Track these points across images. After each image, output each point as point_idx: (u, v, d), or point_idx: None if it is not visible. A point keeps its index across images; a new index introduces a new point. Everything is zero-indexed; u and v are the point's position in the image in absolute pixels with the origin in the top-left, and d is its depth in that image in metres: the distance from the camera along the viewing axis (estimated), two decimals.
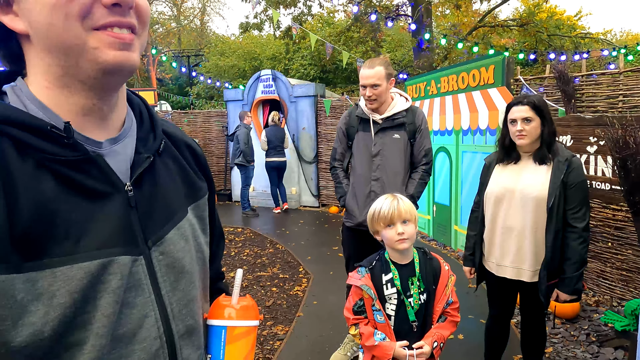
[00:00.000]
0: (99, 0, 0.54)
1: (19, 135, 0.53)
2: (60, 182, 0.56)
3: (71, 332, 0.54)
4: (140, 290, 0.61)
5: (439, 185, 5.38)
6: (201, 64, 19.87)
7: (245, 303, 0.77)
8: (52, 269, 0.52)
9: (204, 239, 0.77)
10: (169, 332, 0.65)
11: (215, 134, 9.10)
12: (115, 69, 0.57)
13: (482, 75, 4.48)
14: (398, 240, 1.65)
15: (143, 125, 0.70)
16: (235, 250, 5.31)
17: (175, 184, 0.72)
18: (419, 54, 9.50)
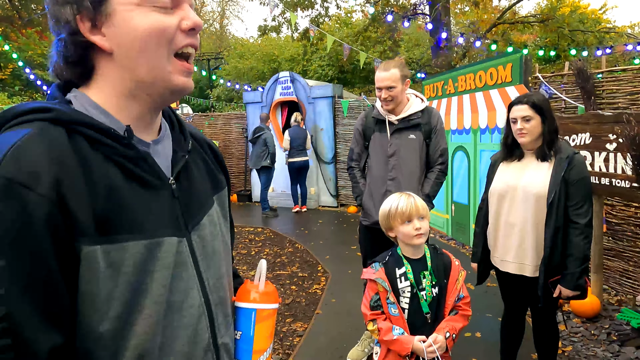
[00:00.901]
0: (179, 28, 0.68)
1: (90, 133, 0.64)
2: (124, 173, 0.67)
3: (135, 299, 0.64)
4: (185, 266, 0.73)
5: (458, 184, 5.37)
6: (221, 66, 20.18)
7: (270, 288, 0.90)
8: (122, 244, 0.63)
9: (225, 224, 0.89)
10: (207, 301, 0.77)
11: (235, 136, 9.27)
12: (180, 91, 0.71)
13: (500, 73, 4.46)
14: (416, 235, 1.72)
15: (174, 129, 0.83)
16: (255, 250, 5.42)
17: (203, 178, 0.84)
18: (437, 53, 9.46)
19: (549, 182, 2.02)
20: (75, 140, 0.63)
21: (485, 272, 2.40)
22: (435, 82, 5.92)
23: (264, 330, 0.86)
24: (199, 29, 0.70)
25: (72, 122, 0.63)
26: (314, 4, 11.88)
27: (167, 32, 0.66)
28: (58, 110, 0.63)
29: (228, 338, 0.83)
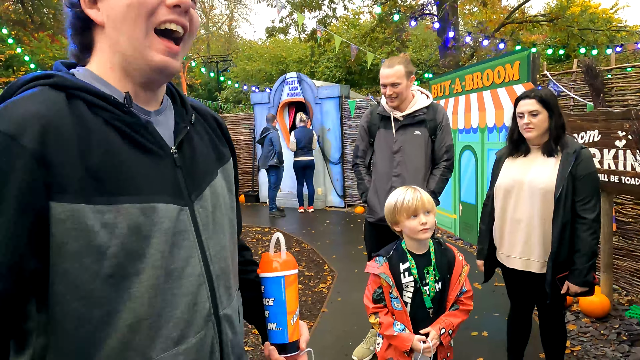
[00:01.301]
0: (164, 2, 0.68)
1: (90, 99, 0.66)
2: (124, 138, 0.68)
3: (131, 262, 0.65)
4: (186, 234, 0.73)
5: (465, 183, 5.33)
6: (229, 69, 20.30)
7: (290, 257, 0.97)
8: (117, 205, 0.64)
9: (230, 197, 0.88)
10: (208, 271, 0.77)
11: (243, 137, 9.31)
12: (159, 69, 0.71)
13: (508, 71, 4.43)
14: (422, 230, 1.71)
15: (176, 102, 0.84)
16: (262, 249, 5.43)
17: (207, 149, 0.85)
18: (444, 53, 9.42)
19: (555, 177, 2.00)
20: (75, 104, 0.65)
21: (491, 270, 2.38)
22: (442, 81, 5.89)
23: (292, 294, 0.95)
24: (184, 7, 0.69)
25: (72, 87, 0.66)
26: (322, 5, 11.90)
27: (146, 3, 0.66)
28: (59, 76, 0.66)
29: (230, 310, 0.83)
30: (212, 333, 0.77)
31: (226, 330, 0.80)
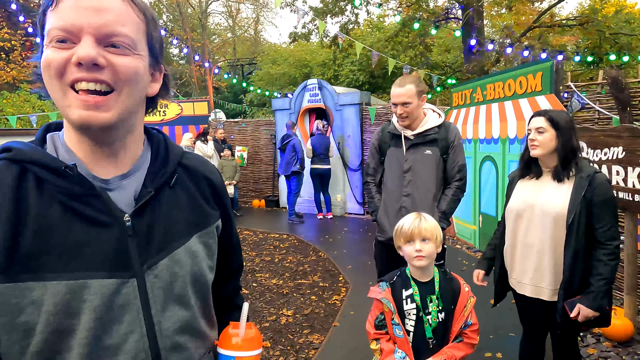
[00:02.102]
0: (69, 61, 0.66)
1: (39, 173, 0.69)
2: (66, 211, 0.68)
3: (60, 339, 0.66)
4: (129, 308, 0.70)
5: (485, 195, 5.22)
6: (254, 72, 20.54)
7: (251, 334, 0.86)
8: (44, 282, 0.65)
9: (207, 263, 0.83)
10: (155, 347, 0.73)
11: (264, 142, 9.40)
12: (82, 126, 0.69)
13: (530, 82, 4.32)
14: (416, 257, 1.71)
15: (157, 161, 0.80)
16: (279, 257, 5.47)
17: (181, 214, 0.80)
18: (469, 58, 9.24)
19: (568, 202, 1.94)
20: (26, 178, 0.68)
21: (502, 293, 2.33)
22: (463, 89, 5.79)
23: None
24: (86, 63, 0.65)
25: (26, 161, 0.69)
26: (344, 11, 11.89)
27: (52, 65, 0.66)
28: (17, 150, 0.70)
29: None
30: None
31: None
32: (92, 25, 0.65)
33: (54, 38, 0.65)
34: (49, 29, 0.66)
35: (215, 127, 9.14)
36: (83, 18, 0.65)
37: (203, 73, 22.13)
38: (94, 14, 0.66)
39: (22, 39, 14.84)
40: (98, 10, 0.66)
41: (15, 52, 14.59)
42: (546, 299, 2.05)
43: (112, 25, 0.67)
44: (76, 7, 0.65)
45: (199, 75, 22.78)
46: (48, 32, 0.66)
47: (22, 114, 9.57)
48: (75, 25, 0.65)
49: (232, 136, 9.55)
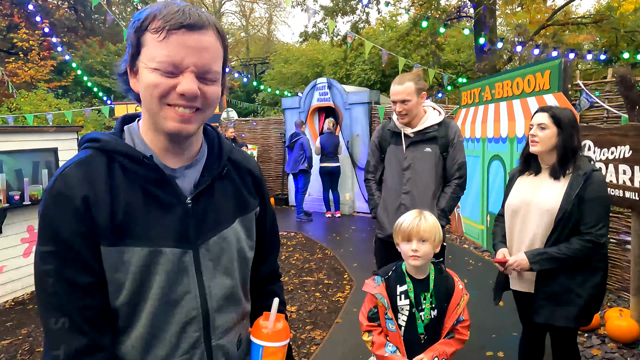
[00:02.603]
0: (173, 88, 0.80)
1: (123, 161, 0.85)
2: (145, 193, 0.85)
3: (140, 292, 0.84)
4: (186, 273, 0.88)
5: (493, 194, 5.18)
6: (266, 71, 20.63)
7: (279, 326, 0.96)
8: (132, 247, 0.82)
9: (247, 243, 1.00)
10: (205, 306, 0.90)
11: (274, 141, 9.46)
12: (173, 134, 0.85)
13: (538, 80, 4.27)
14: (411, 256, 1.72)
15: (212, 155, 0.96)
16: (285, 255, 5.51)
17: (228, 201, 0.96)
18: (480, 57, 9.15)
19: (561, 199, 1.93)
20: (114, 166, 0.85)
21: (503, 290, 2.31)
22: (472, 88, 5.75)
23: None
24: (189, 95, 0.80)
25: (111, 151, 0.85)
26: (355, 10, 11.87)
27: (158, 88, 0.80)
28: (104, 141, 0.86)
29: (227, 341, 0.95)
30: (198, 358, 0.90)
31: (218, 357, 0.93)
32: (195, 64, 0.80)
33: (162, 68, 0.79)
34: (156, 57, 0.79)
35: (226, 126, 9.23)
36: (189, 58, 0.79)
37: None
38: (197, 54, 0.80)
39: (39, 39, 15.18)
40: (200, 50, 0.80)
41: (33, 52, 14.92)
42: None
43: (209, 64, 0.82)
44: (183, 45, 0.79)
45: None
46: (154, 58, 0.79)
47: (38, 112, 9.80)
48: (184, 63, 0.79)
49: (242, 135, 9.63)
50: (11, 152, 4.29)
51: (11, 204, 4.16)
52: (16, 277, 4.37)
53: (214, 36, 0.82)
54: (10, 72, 13.85)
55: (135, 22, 0.82)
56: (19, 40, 14.90)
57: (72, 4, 18.69)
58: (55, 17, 17.08)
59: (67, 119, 9.03)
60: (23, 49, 14.95)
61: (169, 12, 0.78)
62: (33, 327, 3.63)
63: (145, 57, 0.80)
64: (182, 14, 0.78)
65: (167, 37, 0.78)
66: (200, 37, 0.80)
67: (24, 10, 15.00)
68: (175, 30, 0.78)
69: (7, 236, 4.26)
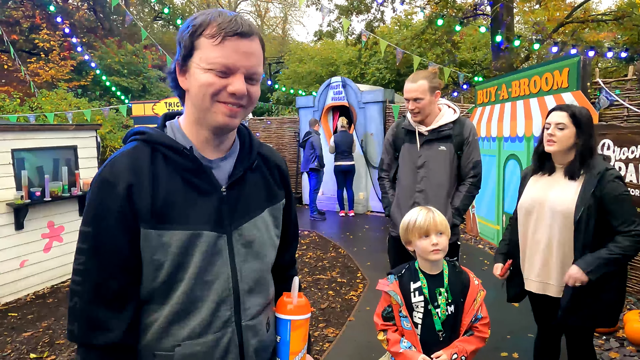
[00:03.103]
0: (225, 89, 0.89)
1: (165, 152, 0.93)
2: (184, 181, 0.93)
3: (178, 272, 0.91)
4: (220, 255, 0.95)
5: (509, 194, 5.12)
6: (281, 70, 20.70)
7: (302, 302, 1.07)
8: (171, 231, 0.90)
9: (275, 231, 1.08)
10: (236, 287, 0.97)
11: (288, 140, 9.50)
12: (222, 127, 0.94)
13: (556, 78, 4.21)
14: (433, 250, 1.69)
15: (244, 149, 1.04)
16: (299, 253, 5.53)
17: (259, 191, 1.04)
18: (497, 55, 9.03)
19: (576, 199, 1.90)
20: (156, 156, 0.93)
21: (523, 292, 2.26)
22: (488, 87, 5.68)
23: (297, 336, 1.05)
24: (239, 94, 0.89)
25: (155, 142, 0.94)
26: (370, 8, 11.83)
27: (212, 87, 0.88)
28: (149, 134, 0.95)
29: (257, 322, 1.01)
30: (229, 336, 0.97)
31: (248, 338, 1.00)
32: (245, 67, 0.89)
33: (216, 69, 0.87)
34: (210, 59, 0.87)
35: None
36: (240, 61, 0.88)
37: None
38: (247, 58, 0.89)
39: (60, 39, 15.51)
40: (249, 55, 0.90)
41: (54, 52, 15.25)
42: (552, 295, 2.03)
43: (255, 67, 0.91)
44: (236, 50, 0.88)
45: None
46: (208, 60, 0.87)
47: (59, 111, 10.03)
48: (236, 65, 0.88)
49: (257, 134, 9.69)
50: (33, 150, 4.40)
51: (32, 200, 4.28)
52: (36, 272, 4.48)
53: (259, 43, 0.92)
54: (32, 72, 14.19)
55: (190, 27, 0.90)
56: (41, 40, 15.24)
57: (91, 5, 19.03)
58: (75, 18, 17.42)
59: (86, 118, 9.22)
60: (44, 50, 15.30)
61: (224, 20, 0.88)
62: (53, 320, 3.72)
63: (199, 59, 0.88)
64: (235, 22, 0.88)
65: (222, 42, 0.87)
66: (250, 44, 0.90)
67: (46, 12, 15.34)
68: (230, 37, 0.87)
69: (28, 231, 4.38)
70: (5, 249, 4.18)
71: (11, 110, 10.38)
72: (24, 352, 3.19)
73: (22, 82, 13.57)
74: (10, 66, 14.89)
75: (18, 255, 4.30)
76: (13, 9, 15.76)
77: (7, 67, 15.10)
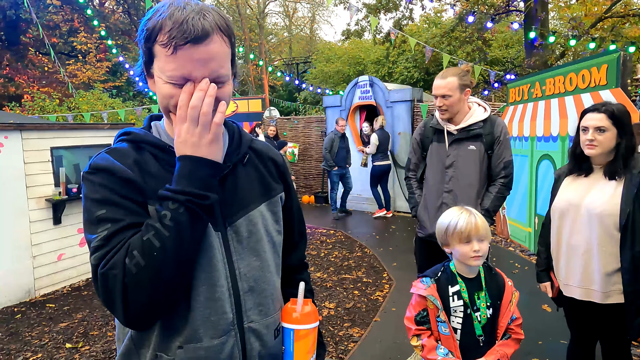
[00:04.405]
0: None
1: (151, 150, 0.92)
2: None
3: None
4: (215, 253, 0.90)
5: (542, 195, 4.95)
6: (309, 70, 20.78)
7: (308, 309, 1.00)
8: None
9: (274, 227, 1.03)
10: (236, 287, 0.92)
11: (315, 139, 9.52)
12: None
13: (594, 75, 4.04)
14: (473, 257, 1.63)
15: (232, 144, 1.00)
16: (325, 252, 5.54)
17: (252, 185, 1.00)
18: (530, 52, 8.76)
19: (619, 202, 1.81)
20: (143, 154, 0.91)
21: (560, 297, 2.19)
22: (521, 85, 5.52)
23: (302, 347, 0.98)
24: None
25: (140, 142, 0.93)
26: (398, 6, 11.71)
27: (173, 98, 0.85)
28: (134, 133, 0.94)
29: (260, 325, 0.95)
30: (233, 341, 0.91)
31: (251, 341, 0.93)
32: (204, 75, 0.83)
33: (174, 81, 0.83)
34: (166, 70, 0.83)
35: (268, 124, 9.40)
36: (197, 70, 0.82)
37: (259, 72, 22.76)
38: (204, 65, 0.82)
39: (96, 42, 16.10)
40: (207, 60, 0.82)
41: (91, 54, 15.86)
42: (597, 302, 1.92)
43: (217, 71, 0.84)
44: (191, 60, 0.81)
45: (255, 74, 23.45)
46: (165, 71, 0.83)
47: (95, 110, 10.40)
48: (192, 75, 0.83)
49: (284, 133, 9.76)
50: (70, 148, 4.59)
51: (69, 196, 4.45)
52: (73, 265, 4.67)
53: (219, 41, 0.83)
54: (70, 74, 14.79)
55: (143, 31, 0.84)
56: (79, 43, 15.87)
57: (126, 8, 19.66)
58: (111, 21, 18.04)
59: (120, 117, 9.53)
60: (82, 52, 15.92)
61: (174, 25, 0.79)
62: (88, 312, 3.87)
63: (158, 68, 0.84)
64: (186, 26, 0.79)
65: (174, 53, 0.80)
66: (207, 49, 0.81)
67: (83, 15, 15.95)
68: (182, 45, 0.80)
69: (65, 226, 4.56)
70: (44, 243, 4.38)
71: (51, 110, 10.85)
72: (60, 342, 3.32)
73: (61, 83, 14.16)
74: (50, 68, 15.58)
75: (56, 248, 4.49)
76: (53, 13, 16.47)
77: (47, 69, 15.80)
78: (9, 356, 3.14)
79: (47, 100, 11.39)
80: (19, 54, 15.85)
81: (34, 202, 4.26)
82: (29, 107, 11.05)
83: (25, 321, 3.72)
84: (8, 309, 3.99)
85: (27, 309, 4.00)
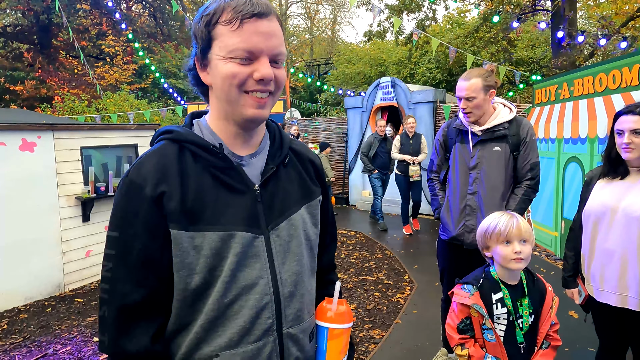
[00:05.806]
0: (252, 77, 0.84)
1: (194, 149, 0.88)
2: (215, 179, 0.88)
3: (211, 275, 0.85)
4: (258, 258, 0.88)
5: (569, 199, 4.83)
6: (330, 71, 20.79)
7: (342, 309, 0.99)
8: (203, 232, 0.84)
9: (313, 230, 1.00)
10: (277, 292, 0.90)
11: (336, 140, 9.52)
12: (251, 120, 0.88)
13: (625, 76, 3.92)
14: (515, 259, 1.58)
15: (274, 145, 0.99)
16: (345, 253, 5.53)
17: (293, 187, 0.98)
18: (557, 52, 8.54)
19: None
20: (184, 153, 0.88)
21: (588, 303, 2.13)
22: (548, 85, 5.40)
23: (335, 346, 0.97)
24: (267, 79, 0.84)
25: (183, 141, 0.89)
26: (421, 7, 11.61)
27: (237, 77, 0.83)
28: (176, 132, 0.91)
29: (298, 330, 0.93)
30: (272, 346, 0.89)
31: (289, 347, 0.92)
32: (269, 48, 0.84)
33: (238, 56, 0.82)
34: (230, 46, 0.82)
35: (290, 125, 9.46)
36: (263, 43, 0.83)
37: None
38: (268, 39, 0.83)
39: (123, 45, 16.54)
40: (271, 35, 0.84)
41: (118, 57, 16.29)
42: (633, 309, 1.86)
43: (278, 47, 0.85)
44: (257, 32, 0.82)
45: None
46: (229, 47, 0.82)
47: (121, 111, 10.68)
48: (258, 48, 0.83)
49: (305, 134, 9.80)
50: (98, 148, 4.73)
51: (98, 194, 4.59)
52: (100, 262, 4.79)
53: (278, 23, 0.86)
54: (98, 76, 15.23)
55: (203, 17, 0.85)
56: (107, 46, 16.33)
57: (152, 12, 20.11)
58: (137, 24, 18.48)
59: (145, 118, 9.76)
60: (110, 54, 16.37)
61: (239, 3, 0.82)
62: None
63: (219, 49, 0.83)
64: (251, 3, 0.82)
65: (241, 26, 0.81)
66: (270, 24, 0.84)
67: (111, 19, 16.41)
68: (247, 19, 0.81)
69: (94, 223, 4.70)
70: (73, 239, 4.52)
71: (80, 111, 11.20)
72: (88, 335, 3.43)
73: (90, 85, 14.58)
74: (79, 70, 16.07)
75: (84, 245, 4.63)
76: (83, 17, 16.99)
77: (77, 71, 16.31)
78: (40, 348, 3.26)
79: (76, 102, 11.76)
80: (51, 57, 16.42)
81: (64, 200, 4.41)
82: (59, 108, 11.43)
83: (55, 315, 3.85)
84: (39, 302, 4.14)
85: (57, 303, 4.14)
